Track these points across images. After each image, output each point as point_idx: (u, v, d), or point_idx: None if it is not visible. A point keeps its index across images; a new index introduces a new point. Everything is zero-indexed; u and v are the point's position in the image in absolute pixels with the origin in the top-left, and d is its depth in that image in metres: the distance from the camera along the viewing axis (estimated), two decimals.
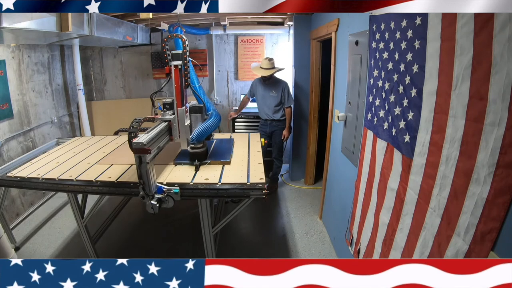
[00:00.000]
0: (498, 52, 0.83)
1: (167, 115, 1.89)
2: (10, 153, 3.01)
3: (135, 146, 1.50)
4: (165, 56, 1.88)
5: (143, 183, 1.59)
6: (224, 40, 4.28)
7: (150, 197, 1.64)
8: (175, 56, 1.83)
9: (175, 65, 1.83)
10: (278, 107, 3.35)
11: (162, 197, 1.67)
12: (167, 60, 1.86)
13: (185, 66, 1.87)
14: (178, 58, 1.83)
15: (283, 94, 3.28)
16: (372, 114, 1.69)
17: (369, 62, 1.72)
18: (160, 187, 1.70)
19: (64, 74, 4.00)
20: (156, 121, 1.87)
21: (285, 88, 3.28)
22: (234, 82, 4.43)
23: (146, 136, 1.59)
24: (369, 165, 1.76)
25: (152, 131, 1.70)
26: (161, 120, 1.87)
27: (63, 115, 3.98)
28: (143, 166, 1.55)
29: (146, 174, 1.58)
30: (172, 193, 1.69)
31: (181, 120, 1.91)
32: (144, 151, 1.51)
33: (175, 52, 1.83)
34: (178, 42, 2.97)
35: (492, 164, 0.86)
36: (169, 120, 1.87)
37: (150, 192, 1.63)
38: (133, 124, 1.61)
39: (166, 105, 1.90)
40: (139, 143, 1.50)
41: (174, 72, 1.83)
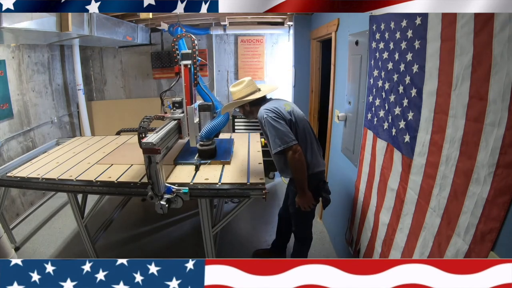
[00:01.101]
0: (498, 52, 0.83)
1: (176, 114, 1.90)
2: (10, 153, 3.01)
3: (144, 146, 1.49)
4: (174, 55, 1.91)
5: (152, 183, 1.58)
6: (224, 40, 4.28)
7: (159, 198, 1.62)
8: (184, 55, 1.85)
9: (185, 64, 1.85)
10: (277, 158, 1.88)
11: (171, 197, 1.66)
12: (176, 59, 1.89)
13: (194, 65, 1.89)
14: (187, 57, 1.85)
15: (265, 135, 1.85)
16: (372, 114, 1.69)
17: (369, 62, 1.72)
18: (169, 187, 1.68)
19: (64, 74, 4.00)
20: (166, 119, 1.88)
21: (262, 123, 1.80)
22: (234, 82, 4.43)
23: (155, 136, 1.58)
24: (369, 165, 1.76)
25: (161, 130, 1.70)
26: (171, 118, 1.88)
27: (63, 115, 3.98)
28: (153, 166, 1.54)
29: (156, 174, 1.56)
30: (181, 193, 1.68)
31: (190, 118, 1.93)
32: (154, 151, 1.50)
33: (185, 51, 1.86)
34: (181, 42, 3.00)
35: (492, 164, 0.86)
36: (178, 118, 1.89)
37: (159, 193, 1.62)
38: (144, 121, 1.60)
39: (175, 104, 1.91)
40: (149, 143, 1.49)
41: (184, 71, 1.86)
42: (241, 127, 3.92)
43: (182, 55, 1.85)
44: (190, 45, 1.91)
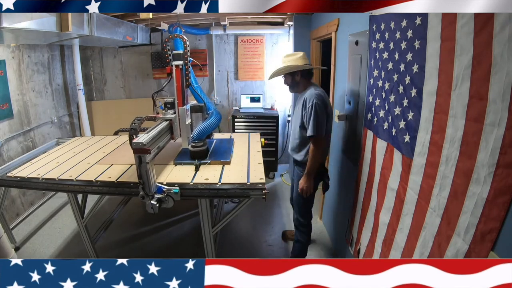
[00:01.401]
0: (498, 52, 0.83)
1: (168, 114, 1.91)
2: (10, 153, 3.01)
3: (135, 146, 1.51)
4: (166, 56, 1.90)
5: (143, 183, 1.60)
6: (224, 40, 4.28)
7: (150, 197, 1.64)
8: (176, 56, 1.85)
9: (176, 65, 1.85)
10: (299, 138, 2.06)
11: (162, 197, 1.67)
12: (168, 60, 1.88)
13: (186, 66, 1.88)
14: (179, 58, 1.85)
15: (304, 113, 1.96)
16: (372, 114, 1.69)
17: (369, 62, 1.72)
18: (160, 187, 1.70)
19: (64, 74, 4.00)
20: (158, 120, 1.88)
21: (307, 104, 1.92)
22: (234, 82, 4.43)
23: (146, 136, 1.60)
24: (369, 165, 1.76)
25: (152, 131, 1.71)
26: (163, 119, 1.88)
27: (63, 115, 3.98)
28: (143, 166, 1.56)
29: (146, 174, 1.58)
30: (172, 193, 1.70)
31: (182, 119, 1.93)
32: (144, 151, 1.52)
33: (176, 52, 1.85)
34: (177, 42, 2.98)
35: (492, 164, 0.86)
36: (170, 119, 1.89)
37: (150, 192, 1.64)
38: (134, 123, 1.62)
39: (167, 105, 1.92)
40: (139, 143, 1.50)
41: (175, 72, 1.85)
42: (241, 127, 3.92)
43: (174, 55, 1.84)
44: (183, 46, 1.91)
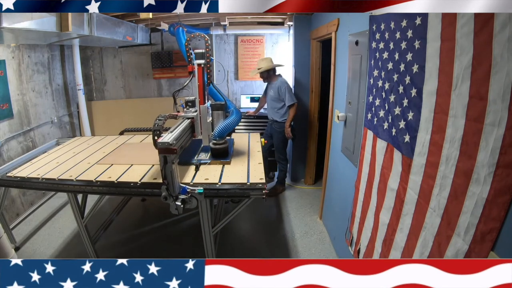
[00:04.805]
0: (498, 52, 0.83)
1: (189, 113, 1.90)
2: (10, 153, 3.01)
3: (160, 146, 1.47)
4: (188, 54, 1.92)
5: (167, 184, 1.55)
6: (224, 40, 4.28)
7: (173, 198, 1.59)
8: (198, 55, 1.86)
9: (199, 63, 1.86)
10: (279, 108, 3.34)
11: (186, 197, 1.63)
12: (190, 58, 1.90)
13: (208, 65, 1.90)
14: (201, 57, 1.86)
15: (280, 93, 3.25)
16: (372, 114, 1.69)
17: (369, 62, 1.72)
18: (184, 188, 1.65)
19: (64, 74, 4.00)
20: (179, 118, 1.88)
21: (281, 87, 3.23)
22: (234, 82, 4.43)
23: (171, 135, 1.56)
24: (369, 165, 1.76)
25: (176, 130, 1.68)
26: (184, 117, 1.87)
27: (63, 115, 3.98)
28: (168, 166, 1.51)
29: (171, 175, 1.54)
30: (196, 193, 1.65)
31: (204, 117, 1.93)
32: (170, 151, 1.48)
33: (199, 51, 1.87)
34: (180, 38, 3.19)
35: (492, 164, 0.86)
36: (191, 117, 1.89)
37: (174, 193, 1.59)
38: (158, 121, 1.58)
39: (188, 103, 1.92)
40: (165, 143, 1.47)
41: (198, 70, 1.86)
42: (241, 127, 3.92)
43: (196, 54, 1.86)
44: (204, 45, 1.93)
